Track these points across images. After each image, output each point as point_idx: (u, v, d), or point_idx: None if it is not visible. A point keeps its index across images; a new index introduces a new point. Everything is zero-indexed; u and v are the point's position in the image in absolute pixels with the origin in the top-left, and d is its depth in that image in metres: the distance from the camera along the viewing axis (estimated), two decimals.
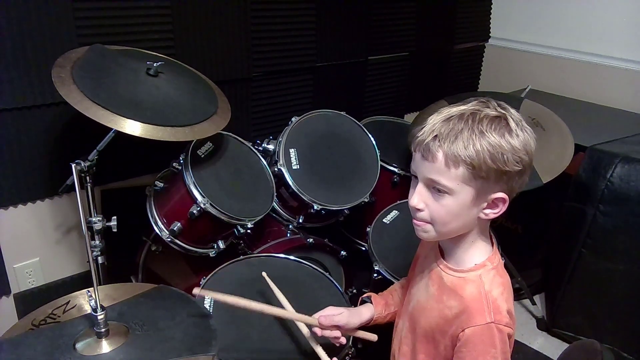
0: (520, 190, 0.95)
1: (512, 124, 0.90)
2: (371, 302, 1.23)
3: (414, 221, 0.99)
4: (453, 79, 2.97)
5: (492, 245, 1.02)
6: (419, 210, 0.96)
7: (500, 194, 0.92)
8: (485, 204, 0.93)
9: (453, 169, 0.89)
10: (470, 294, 0.96)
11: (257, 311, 1.13)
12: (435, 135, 0.90)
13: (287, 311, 1.16)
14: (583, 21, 2.63)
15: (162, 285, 1.19)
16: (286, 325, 1.29)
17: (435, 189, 0.92)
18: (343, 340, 1.14)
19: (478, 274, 0.97)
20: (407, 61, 2.66)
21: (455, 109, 0.93)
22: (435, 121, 0.92)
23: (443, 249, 1.05)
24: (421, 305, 1.06)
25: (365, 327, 1.20)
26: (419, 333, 1.05)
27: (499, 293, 0.95)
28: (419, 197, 0.95)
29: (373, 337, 1.19)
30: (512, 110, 0.93)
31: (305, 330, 1.18)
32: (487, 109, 0.91)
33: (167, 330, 1.04)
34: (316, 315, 1.14)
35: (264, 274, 1.25)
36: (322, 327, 1.12)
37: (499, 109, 0.92)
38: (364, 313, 1.19)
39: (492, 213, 0.94)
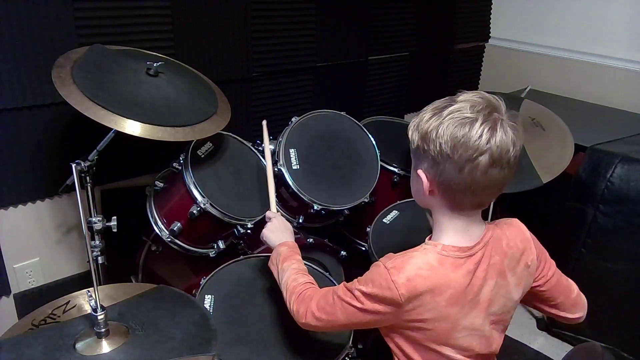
0: (450, 183, 0.95)
1: (445, 110, 0.94)
2: None
3: None
4: (453, 79, 2.97)
5: (470, 248, 0.99)
6: None
7: (420, 171, 0.99)
8: (422, 180, 0.99)
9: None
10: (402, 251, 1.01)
11: None
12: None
13: None
14: (583, 21, 2.63)
15: (162, 285, 1.19)
16: (286, 325, 1.29)
17: None
18: None
19: (425, 247, 1.00)
20: (407, 61, 2.66)
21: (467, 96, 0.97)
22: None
23: None
24: None
25: None
26: None
27: (417, 265, 0.96)
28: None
29: None
30: (486, 112, 0.92)
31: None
32: (465, 97, 0.95)
33: (167, 330, 1.04)
34: None
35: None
36: None
37: (471, 97, 0.95)
38: None
39: (423, 188, 1.00)
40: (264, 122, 1.63)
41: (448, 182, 0.95)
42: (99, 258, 1.49)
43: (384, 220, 1.78)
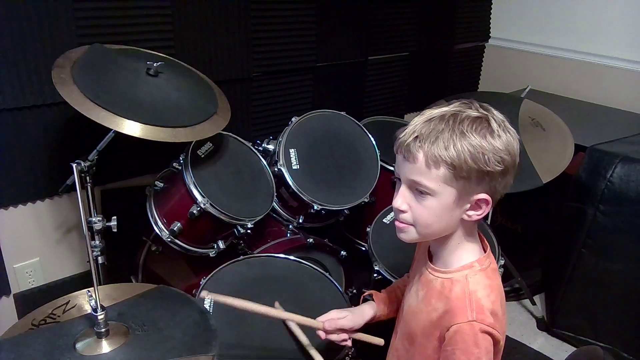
0: (504, 192, 0.95)
1: (494, 125, 0.90)
2: (373, 300, 1.23)
3: (396, 222, 1.00)
4: (453, 79, 2.97)
5: (485, 249, 1.01)
6: (402, 211, 0.96)
7: (483, 195, 0.92)
8: (468, 205, 0.93)
9: (434, 169, 0.89)
10: (455, 294, 0.95)
11: (262, 314, 1.13)
12: (416, 136, 0.90)
13: (291, 314, 1.16)
14: (583, 21, 2.63)
15: (162, 285, 1.19)
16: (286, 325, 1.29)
17: (418, 190, 0.93)
18: (349, 342, 1.14)
19: (464, 274, 0.97)
20: (407, 61, 2.66)
21: (437, 111, 0.93)
22: (416, 122, 0.93)
23: (432, 252, 1.05)
24: (412, 309, 1.06)
25: (369, 324, 1.20)
26: (411, 337, 1.06)
27: (485, 294, 0.94)
28: (402, 198, 0.95)
29: (380, 341, 1.17)
30: (495, 112, 0.94)
31: (304, 339, 1.19)
32: (468, 109, 0.92)
33: (167, 330, 1.04)
34: (320, 318, 1.14)
35: (276, 304, 1.25)
36: (327, 332, 1.12)
37: (481, 110, 0.92)
38: (366, 312, 1.19)
39: (475, 215, 0.94)
40: None
41: (499, 194, 0.95)
42: (99, 258, 1.49)
43: (384, 220, 1.78)
